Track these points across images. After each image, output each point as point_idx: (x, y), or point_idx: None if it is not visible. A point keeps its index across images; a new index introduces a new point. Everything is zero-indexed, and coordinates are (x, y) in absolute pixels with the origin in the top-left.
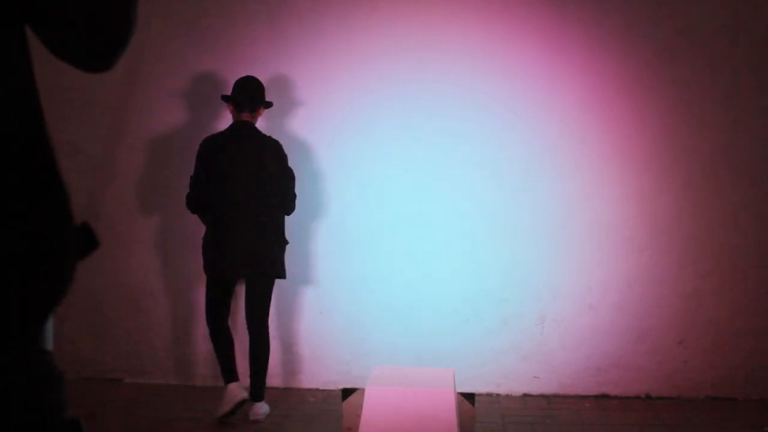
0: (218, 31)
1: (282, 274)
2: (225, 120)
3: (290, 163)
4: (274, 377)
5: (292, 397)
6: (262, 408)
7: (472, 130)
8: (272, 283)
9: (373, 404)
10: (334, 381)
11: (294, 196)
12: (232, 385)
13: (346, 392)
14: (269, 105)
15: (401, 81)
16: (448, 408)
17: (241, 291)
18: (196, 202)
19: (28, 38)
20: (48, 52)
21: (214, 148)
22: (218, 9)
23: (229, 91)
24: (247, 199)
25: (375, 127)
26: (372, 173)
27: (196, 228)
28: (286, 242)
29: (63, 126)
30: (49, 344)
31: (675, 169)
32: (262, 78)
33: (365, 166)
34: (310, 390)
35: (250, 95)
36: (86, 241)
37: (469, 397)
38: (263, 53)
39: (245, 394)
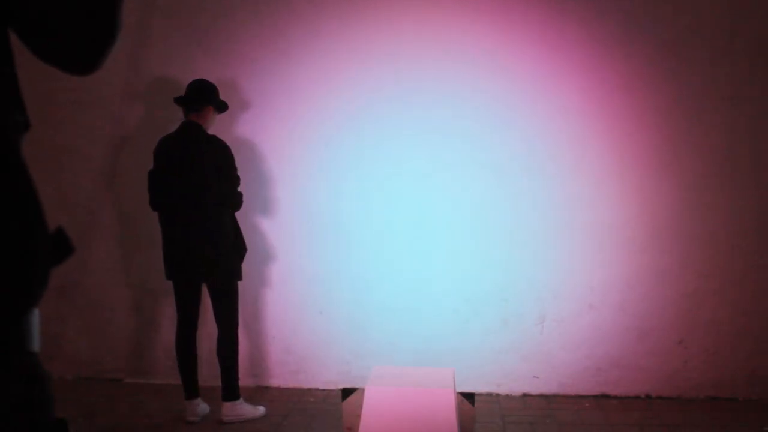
0: (219, 31)
1: (220, 275)
2: (227, 119)
3: (289, 163)
4: (274, 377)
5: (292, 397)
6: (233, 409)
7: (472, 130)
8: (227, 284)
9: (373, 404)
10: (334, 381)
11: (231, 197)
12: (192, 402)
13: (346, 392)
14: (221, 106)
15: (401, 80)
16: (447, 408)
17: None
18: (150, 201)
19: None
20: None
21: (161, 148)
22: (219, 8)
23: (231, 91)
24: (184, 199)
25: (374, 126)
26: (372, 173)
27: None
28: (238, 245)
29: (63, 126)
30: (35, 346)
31: (676, 169)
32: (262, 76)
33: (365, 165)
34: (310, 390)
35: (193, 96)
36: (60, 247)
37: (469, 397)
38: (264, 52)
39: (206, 412)
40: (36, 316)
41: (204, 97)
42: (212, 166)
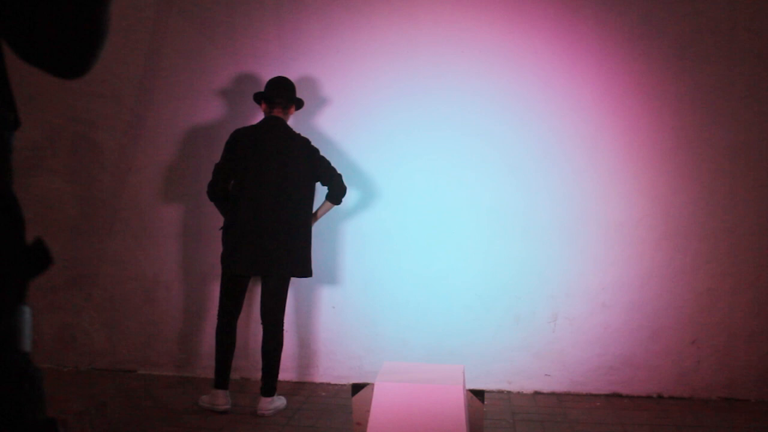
0: (235, 27)
1: (299, 272)
2: (243, 114)
3: None
4: (287, 371)
5: (304, 391)
6: (271, 403)
7: (486, 127)
8: (287, 282)
9: (382, 399)
10: (346, 376)
11: (339, 178)
12: (221, 392)
13: (356, 387)
14: (301, 104)
15: (415, 78)
16: (456, 405)
17: (258, 287)
18: (213, 190)
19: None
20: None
21: (243, 140)
22: (236, 5)
23: (246, 86)
24: (269, 194)
25: (388, 124)
26: (385, 169)
27: (211, 221)
28: (308, 242)
29: (82, 119)
30: (26, 345)
31: (690, 169)
32: (275, 72)
33: (377, 161)
34: (322, 384)
35: (283, 93)
36: (39, 258)
37: (479, 394)
38: (279, 49)
39: (228, 407)
40: (27, 315)
41: (292, 96)
42: (302, 161)
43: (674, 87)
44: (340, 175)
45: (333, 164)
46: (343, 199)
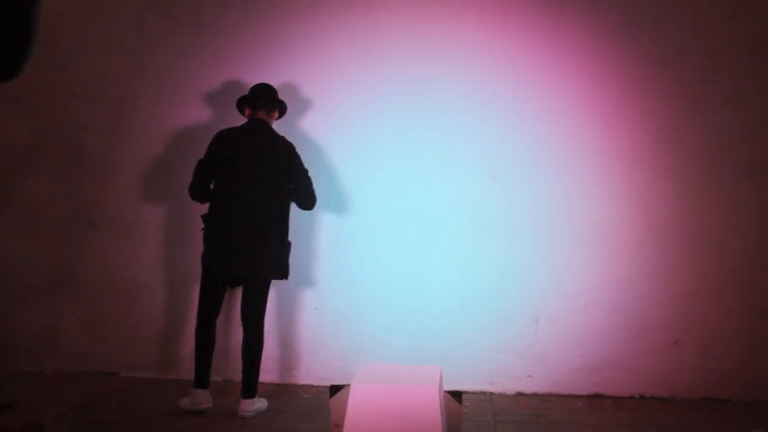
0: (218, 28)
1: (278, 274)
2: (228, 116)
3: None
4: (269, 373)
5: (287, 393)
6: (251, 405)
7: (468, 129)
8: (268, 284)
9: (359, 401)
10: (329, 377)
11: (312, 192)
12: (201, 392)
13: (334, 389)
14: (284, 111)
15: (397, 80)
16: (432, 406)
17: (239, 287)
18: (193, 188)
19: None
20: (66, 48)
21: (226, 140)
22: (217, 6)
23: (229, 88)
24: (250, 195)
25: (371, 126)
26: (367, 171)
27: (194, 223)
28: (287, 244)
29: (66, 121)
30: None
31: (672, 170)
32: (258, 74)
33: (360, 163)
34: (304, 386)
35: (267, 96)
36: None
37: (457, 395)
38: (263, 51)
39: (209, 405)
40: None
41: (276, 101)
42: (283, 163)
43: (656, 89)
44: (312, 194)
45: (310, 174)
46: (314, 208)
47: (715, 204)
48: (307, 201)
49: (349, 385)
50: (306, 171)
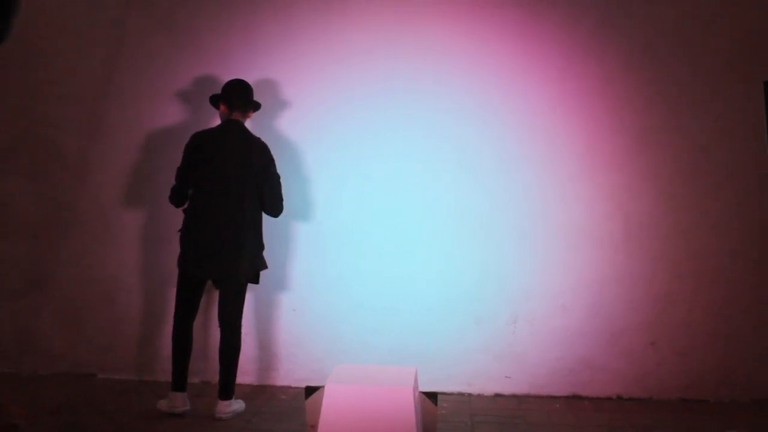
0: (196, 28)
1: (253, 279)
2: (206, 116)
3: None
4: (248, 374)
5: (265, 395)
6: (228, 406)
7: (447, 130)
8: (245, 286)
9: (333, 402)
10: (307, 379)
11: (281, 198)
12: (179, 395)
13: (309, 390)
14: (258, 107)
15: (377, 80)
16: (406, 407)
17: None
18: (174, 194)
19: (25, 38)
20: (42, 48)
21: (201, 142)
22: (200, 7)
23: (208, 87)
24: (226, 196)
25: (350, 126)
26: (345, 172)
27: (171, 224)
28: (263, 246)
29: (44, 119)
30: None
31: (650, 171)
32: (237, 74)
33: (338, 165)
34: (282, 388)
35: (241, 96)
36: None
37: (432, 396)
38: (242, 50)
39: (187, 408)
40: None
41: (251, 99)
42: (259, 165)
43: (634, 90)
44: (281, 199)
45: (281, 180)
46: (279, 216)
47: (693, 206)
48: (276, 207)
49: (323, 387)
50: (278, 176)
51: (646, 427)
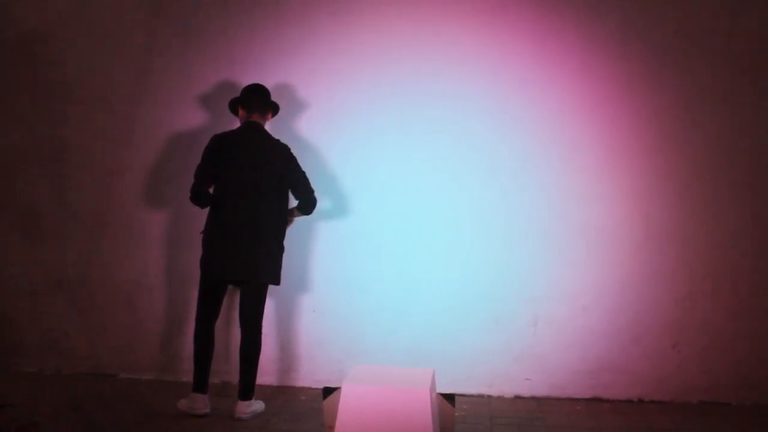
0: (218, 34)
1: (275, 280)
2: (226, 119)
3: None
4: (268, 375)
5: (284, 395)
6: (249, 407)
7: (466, 130)
8: (266, 287)
9: (350, 403)
10: (327, 380)
11: (312, 190)
12: (200, 396)
13: (327, 391)
14: (277, 109)
15: (394, 81)
16: (423, 408)
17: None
18: (194, 194)
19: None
20: (66, 52)
21: (222, 144)
22: (219, 12)
23: (227, 91)
24: (248, 199)
25: (367, 126)
26: (365, 173)
27: (193, 225)
28: (283, 249)
29: (64, 124)
30: None
31: (670, 171)
32: (256, 77)
33: (357, 165)
34: (302, 389)
35: (260, 98)
36: None
37: (449, 397)
38: (259, 54)
39: (207, 410)
40: None
41: (269, 101)
42: (281, 166)
43: (654, 90)
44: (312, 190)
45: (308, 175)
46: (314, 211)
47: (714, 205)
48: (309, 200)
49: (340, 388)
50: (305, 174)
51: (668, 431)
